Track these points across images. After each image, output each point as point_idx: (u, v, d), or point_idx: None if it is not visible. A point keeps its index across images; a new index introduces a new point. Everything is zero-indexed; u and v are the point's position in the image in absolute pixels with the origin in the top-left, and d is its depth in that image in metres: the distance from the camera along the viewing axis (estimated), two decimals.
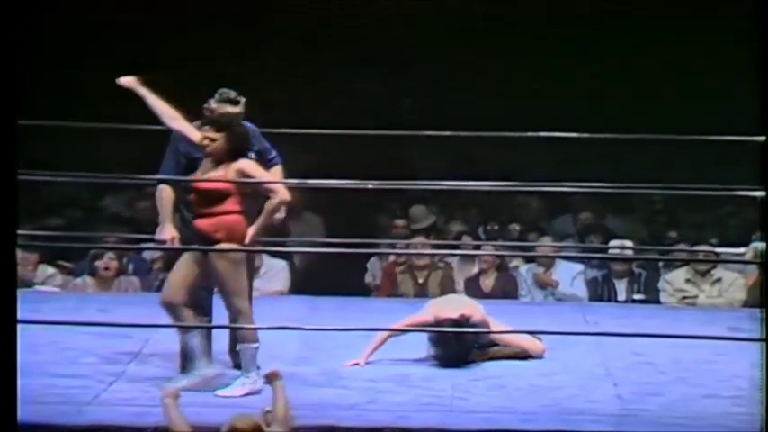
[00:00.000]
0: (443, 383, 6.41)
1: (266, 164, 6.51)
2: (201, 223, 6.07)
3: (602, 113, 9.57)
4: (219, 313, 6.43)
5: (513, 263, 9.23)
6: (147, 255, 8.83)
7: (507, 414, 5.86)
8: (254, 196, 6.14)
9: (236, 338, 6.45)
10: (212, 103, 6.38)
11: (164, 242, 6.41)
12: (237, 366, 6.47)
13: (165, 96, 6.14)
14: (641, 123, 7.98)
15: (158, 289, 8.62)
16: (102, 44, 9.94)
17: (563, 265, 9.08)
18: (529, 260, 9.17)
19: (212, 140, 6.05)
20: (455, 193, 9.18)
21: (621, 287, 8.93)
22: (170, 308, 6.10)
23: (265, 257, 8.39)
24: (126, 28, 9.94)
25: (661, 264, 9.04)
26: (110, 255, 8.58)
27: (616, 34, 10.01)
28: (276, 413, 5.09)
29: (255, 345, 6.11)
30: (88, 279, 8.65)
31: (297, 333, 6.81)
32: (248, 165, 6.08)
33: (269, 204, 6.11)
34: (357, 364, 6.66)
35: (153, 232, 8.90)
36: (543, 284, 9.00)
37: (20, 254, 8.53)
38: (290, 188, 6.60)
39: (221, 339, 6.54)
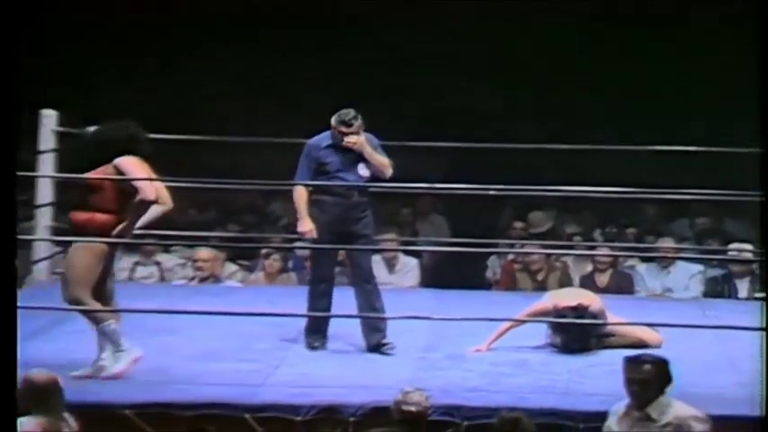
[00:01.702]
0: (560, 368, 6.67)
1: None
2: (77, 216, 6.26)
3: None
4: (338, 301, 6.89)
5: (630, 262, 9.35)
6: (300, 253, 9.29)
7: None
8: (124, 193, 6.24)
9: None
10: (333, 121, 6.84)
11: (304, 234, 6.85)
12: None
13: None
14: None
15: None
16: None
17: (681, 266, 9.16)
18: (646, 261, 9.25)
19: None
20: (571, 198, 9.38)
21: (743, 286, 8.95)
22: (76, 303, 6.22)
23: (401, 255, 8.83)
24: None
25: None
26: (275, 255, 9.12)
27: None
28: None
29: (108, 323, 6.14)
30: (260, 275, 9.31)
31: (426, 322, 7.13)
32: (123, 161, 6.24)
33: (135, 202, 6.20)
34: (480, 350, 6.98)
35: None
36: None
37: (213, 254, 9.06)
38: (418, 193, 6.98)
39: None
